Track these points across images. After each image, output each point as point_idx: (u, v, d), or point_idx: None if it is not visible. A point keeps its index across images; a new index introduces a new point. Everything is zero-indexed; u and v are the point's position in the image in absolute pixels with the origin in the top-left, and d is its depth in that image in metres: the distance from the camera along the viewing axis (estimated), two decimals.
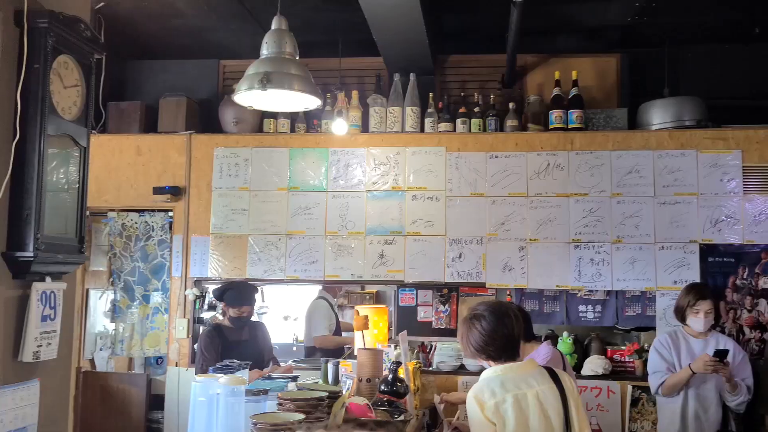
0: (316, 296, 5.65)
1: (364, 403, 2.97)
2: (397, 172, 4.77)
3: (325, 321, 5.45)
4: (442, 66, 5.21)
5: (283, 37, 3.08)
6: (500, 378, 2.51)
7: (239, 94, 3.08)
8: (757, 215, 4.43)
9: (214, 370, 3.24)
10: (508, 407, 2.43)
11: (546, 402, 2.47)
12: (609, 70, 5.04)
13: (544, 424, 2.44)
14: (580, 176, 4.61)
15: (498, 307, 2.61)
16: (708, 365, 3.61)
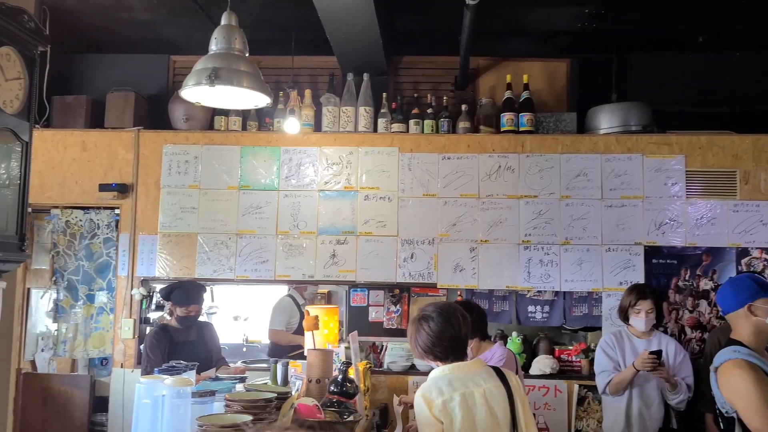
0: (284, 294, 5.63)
1: (313, 404, 2.94)
2: (350, 172, 4.76)
3: (283, 317, 5.42)
4: (396, 67, 5.22)
5: (232, 33, 3.04)
6: (448, 377, 2.54)
7: (186, 90, 3.02)
8: (699, 219, 4.56)
9: (160, 371, 3.17)
10: (455, 405, 2.47)
11: (493, 400, 2.51)
12: (559, 74, 5.13)
13: (491, 422, 2.48)
14: (531, 178, 4.67)
15: (445, 309, 2.64)
16: (647, 362, 3.70)
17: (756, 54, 5.21)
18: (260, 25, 4.73)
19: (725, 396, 2.57)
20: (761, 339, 2.65)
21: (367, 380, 3.65)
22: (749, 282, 2.70)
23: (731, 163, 4.58)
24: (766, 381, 2.49)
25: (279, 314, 5.45)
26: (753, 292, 2.65)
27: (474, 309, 3.58)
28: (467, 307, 3.50)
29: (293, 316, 5.35)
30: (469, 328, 2.66)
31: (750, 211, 4.53)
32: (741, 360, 2.53)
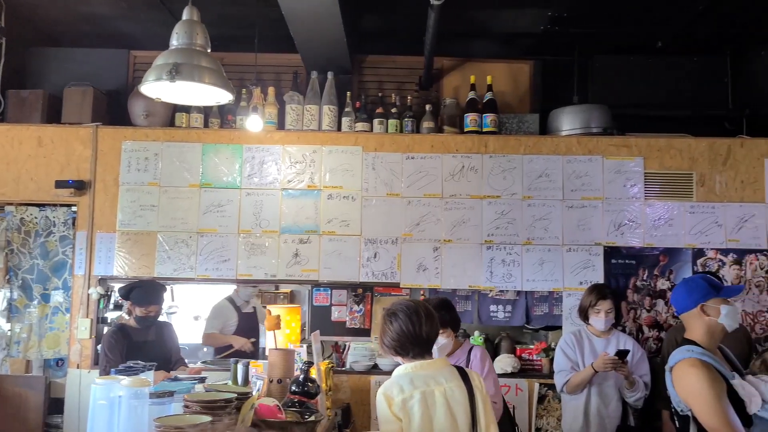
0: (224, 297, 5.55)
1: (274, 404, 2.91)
2: (313, 171, 4.73)
3: (216, 321, 5.33)
4: (360, 66, 5.22)
5: (194, 28, 2.99)
6: (410, 375, 2.56)
7: (146, 85, 2.97)
8: (657, 220, 4.64)
9: (117, 372, 3.10)
10: (414, 403, 2.49)
11: (453, 399, 2.53)
12: (522, 76, 5.18)
13: (450, 421, 2.50)
14: (494, 179, 4.70)
15: (412, 307, 2.65)
16: (607, 364, 3.76)
17: (712, 59, 5.34)
18: (223, 21, 4.68)
19: (680, 395, 2.61)
20: (714, 338, 2.70)
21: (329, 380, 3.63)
22: (701, 282, 2.75)
23: (688, 165, 4.68)
24: (719, 379, 2.53)
25: (212, 318, 5.36)
26: (705, 292, 2.70)
27: (452, 306, 3.56)
28: (445, 305, 3.49)
29: (230, 319, 5.25)
30: (436, 327, 2.65)
31: (705, 213, 4.63)
32: (695, 359, 2.58)
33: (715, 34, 4.99)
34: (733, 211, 4.63)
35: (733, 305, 2.68)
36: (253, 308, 5.25)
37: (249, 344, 4.87)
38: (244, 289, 5.16)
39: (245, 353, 4.89)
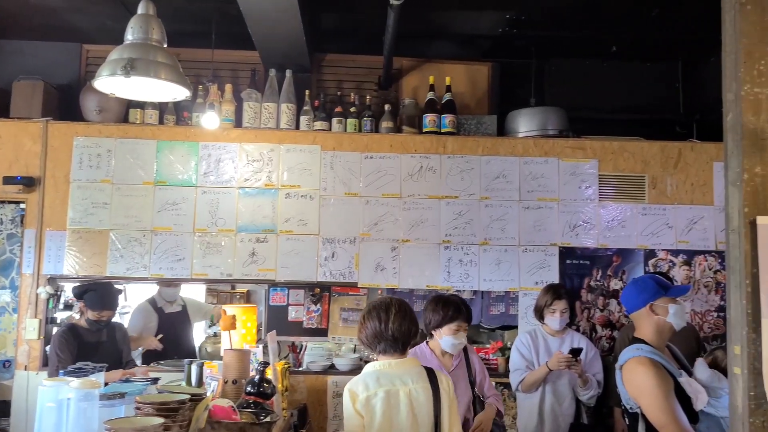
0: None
1: (229, 405, 2.88)
2: (271, 170, 4.69)
3: (135, 323, 5.09)
4: (320, 64, 5.19)
5: (149, 23, 2.93)
6: (377, 373, 2.60)
7: (100, 80, 2.90)
8: (610, 221, 4.73)
9: (66, 373, 3.03)
10: (377, 402, 2.52)
11: (416, 401, 2.55)
12: (481, 77, 5.22)
13: (411, 422, 2.53)
14: (452, 179, 4.73)
15: (384, 304, 2.68)
16: (561, 362, 3.82)
17: (665, 65, 5.47)
18: (179, 17, 4.60)
19: (629, 392, 2.66)
20: (662, 337, 2.76)
21: (285, 380, 3.61)
22: (650, 282, 2.81)
23: (641, 168, 4.77)
24: (667, 377, 2.59)
25: (132, 321, 5.17)
26: (654, 291, 2.75)
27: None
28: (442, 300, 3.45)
29: (149, 321, 5.09)
30: (407, 326, 2.64)
31: (657, 215, 4.74)
32: (644, 357, 2.63)
33: (668, 40, 5.10)
34: (683, 213, 4.74)
35: (680, 304, 2.75)
36: (180, 306, 5.09)
37: (155, 342, 4.72)
38: (165, 289, 5.01)
39: (158, 352, 4.75)
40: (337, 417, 4.43)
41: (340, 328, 4.78)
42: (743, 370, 2.00)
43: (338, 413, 4.44)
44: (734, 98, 2.11)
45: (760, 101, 2.07)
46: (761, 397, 1.97)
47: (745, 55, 2.08)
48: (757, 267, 1.99)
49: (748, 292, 2.00)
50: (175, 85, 2.94)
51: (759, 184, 2.04)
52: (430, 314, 3.42)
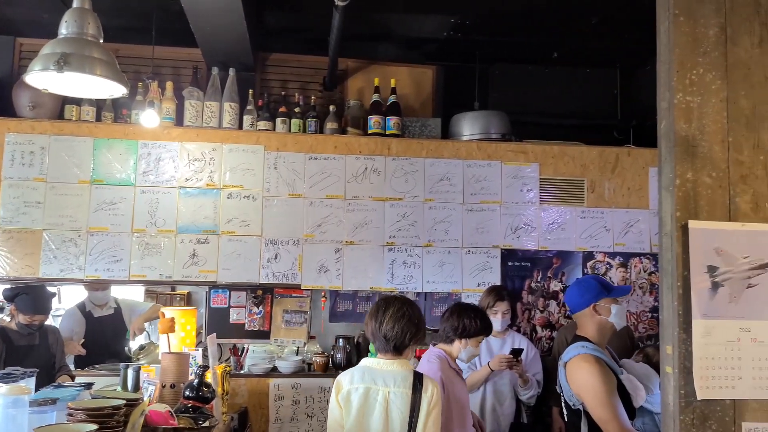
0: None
1: (166, 410, 2.81)
2: (213, 169, 4.61)
3: (64, 328, 4.95)
4: (264, 63, 5.12)
5: (85, 16, 2.83)
6: (366, 369, 2.67)
7: (32, 75, 2.79)
8: (551, 224, 4.82)
9: None
10: (356, 397, 2.59)
11: (392, 404, 2.58)
12: (425, 80, 5.25)
13: (383, 424, 2.56)
14: (396, 181, 4.74)
15: (385, 304, 2.74)
16: (503, 362, 3.87)
17: (604, 72, 5.61)
18: (118, 11, 4.48)
19: (573, 389, 2.71)
20: (604, 336, 2.83)
21: (225, 384, 3.55)
22: (594, 283, 2.88)
23: (580, 172, 4.88)
24: (610, 375, 2.65)
25: (61, 326, 4.98)
26: (597, 292, 2.82)
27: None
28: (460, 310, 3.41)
29: (77, 326, 4.93)
30: (403, 330, 2.66)
31: (595, 218, 4.85)
32: (588, 355, 2.69)
33: (607, 48, 5.23)
34: (620, 216, 4.87)
35: (622, 305, 2.83)
36: (113, 309, 4.94)
37: (78, 348, 4.57)
38: (94, 293, 4.85)
39: (92, 356, 4.61)
40: (279, 420, 4.38)
41: (282, 330, 4.74)
42: (674, 369, 2.06)
43: (280, 416, 4.39)
44: (668, 106, 2.17)
45: (691, 109, 2.13)
46: (691, 395, 2.03)
47: (678, 65, 2.15)
48: (688, 269, 2.05)
49: (679, 294, 2.06)
50: (111, 81, 2.85)
51: (690, 190, 2.10)
52: (467, 321, 3.31)
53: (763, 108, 2.14)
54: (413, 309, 2.75)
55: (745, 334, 2.05)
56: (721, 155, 2.12)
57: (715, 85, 2.14)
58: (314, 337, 4.85)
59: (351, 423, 2.58)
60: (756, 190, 2.11)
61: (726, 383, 2.04)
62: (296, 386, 4.43)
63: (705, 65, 2.15)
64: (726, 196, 2.10)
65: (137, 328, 4.89)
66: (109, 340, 4.84)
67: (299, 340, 4.77)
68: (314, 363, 4.60)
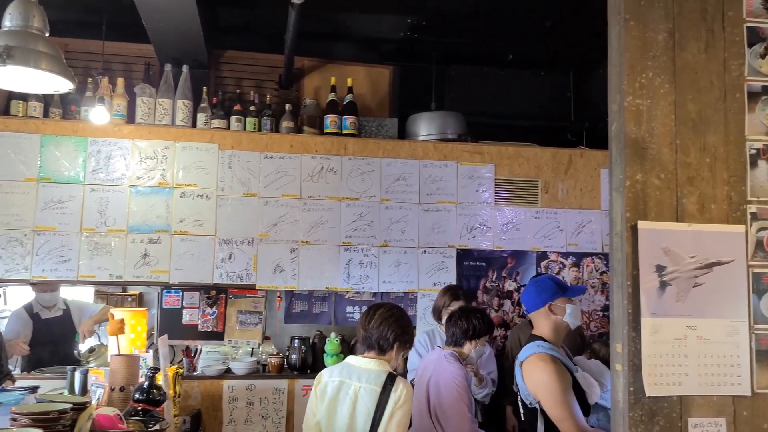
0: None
1: (115, 414, 2.74)
2: (165, 168, 4.52)
3: (10, 330, 4.79)
4: (218, 60, 5.05)
5: (30, 9, 2.74)
6: (346, 365, 2.82)
7: None
8: (506, 224, 4.87)
9: None
10: (330, 389, 2.74)
11: (360, 400, 2.68)
12: (382, 80, 5.25)
13: (349, 417, 2.68)
14: (352, 181, 4.73)
15: (374, 307, 2.91)
16: None
17: (558, 75, 5.70)
18: (67, 5, 4.36)
19: (529, 388, 2.73)
20: (559, 335, 2.86)
21: (177, 386, 3.48)
22: (549, 283, 2.91)
23: (534, 173, 4.94)
24: (565, 373, 2.68)
25: (7, 328, 4.82)
26: (552, 292, 2.85)
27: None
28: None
29: (24, 328, 4.79)
30: (387, 332, 2.78)
31: (549, 218, 4.92)
32: (544, 354, 2.71)
33: (561, 51, 5.32)
34: (573, 217, 4.94)
35: (576, 305, 2.87)
36: (62, 311, 4.80)
37: (22, 347, 4.44)
38: (42, 294, 4.71)
39: (39, 359, 4.48)
40: (232, 422, 4.33)
41: (237, 331, 4.68)
42: (624, 366, 2.10)
43: (234, 418, 4.33)
44: (618, 109, 2.21)
45: (641, 112, 2.17)
46: (640, 392, 2.06)
47: (628, 68, 2.18)
48: (637, 269, 2.09)
49: (629, 293, 2.09)
50: (58, 76, 2.76)
51: (640, 191, 2.14)
52: (476, 323, 3.57)
53: (709, 112, 2.20)
54: (400, 313, 2.90)
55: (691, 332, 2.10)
56: (669, 157, 2.16)
57: (664, 88, 2.19)
58: (269, 338, 4.81)
59: (322, 413, 2.73)
60: (702, 191, 2.16)
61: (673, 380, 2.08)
62: (251, 388, 4.38)
63: (654, 69, 2.19)
64: (674, 198, 2.15)
65: (87, 330, 4.76)
66: (58, 342, 4.70)
67: (254, 341, 4.72)
68: (269, 364, 4.55)
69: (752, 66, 2.23)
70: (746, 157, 2.20)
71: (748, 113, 2.21)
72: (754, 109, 2.22)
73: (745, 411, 2.11)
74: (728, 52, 2.23)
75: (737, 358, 2.11)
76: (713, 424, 2.09)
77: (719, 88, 2.21)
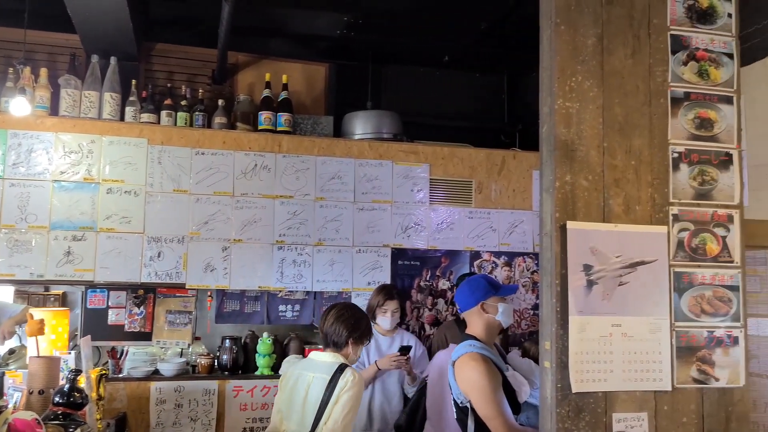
0: None
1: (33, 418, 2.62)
2: (91, 163, 4.36)
3: None
4: (149, 53, 4.91)
5: None
6: (307, 359, 3.13)
7: None
8: (440, 223, 4.91)
9: None
10: (290, 378, 3.03)
11: (311, 388, 2.92)
12: (318, 77, 5.21)
13: (301, 402, 2.92)
14: (287, 179, 4.67)
15: (333, 308, 3.13)
16: (392, 362, 3.89)
17: (492, 77, 5.78)
18: None
19: (460, 387, 2.75)
20: (492, 334, 2.89)
21: (101, 388, 3.35)
22: (482, 282, 2.93)
23: (468, 173, 5.00)
24: (496, 372, 2.71)
25: None
26: (485, 291, 2.88)
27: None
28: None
29: None
30: (341, 330, 3.02)
31: (482, 218, 4.98)
32: (475, 353, 2.74)
33: (495, 53, 5.40)
34: (505, 217, 5.02)
35: (509, 303, 2.90)
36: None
37: None
38: None
39: None
40: (160, 425, 4.21)
41: (165, 331, 4.56)
42: (552, 364, 2.14)
43: (162, 421, 4.22)
44: (549, 111, 2.25)
45: (570, 115, 2.22)
46: (567, 388, 2.11)
47: (558, 72, 2.23)
48: (566, 268, 2.14)
49: (557, 292, 2.14)
50: None
51: (569, 192, 2.18)
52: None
53: (635, 116, 2.27)
54: (352, 311, 3.13)
55: (616, 329, 2.16)
56: (597, 159, 2.22)
57: (593, 92, 2.24)
58: (199, 338, 4.70)
59: (283, 401, 3.00)
60: (627, 193, 2.23)
61: (599, 376, 2.14)
62: (179, 389, 4.27)
63: (583, 73, 2.24)
64: (601, 199, 2.21)
65: (7, 332, 4.54)
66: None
67: (183, 342, 4.61)
68: (199, 365, 4.45)
69: (675, 72, 2.32)
70: (669, 161, 2.28)
71: (671, 118, 2.29)
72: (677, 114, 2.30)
73: (665, 405, 2.19)
74: (653, 59, 2.31)
75: (659, 355, 2.19)
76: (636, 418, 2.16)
77: (645, 93, 2.29)
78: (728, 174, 2.31)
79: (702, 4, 2.37)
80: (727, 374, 2.23)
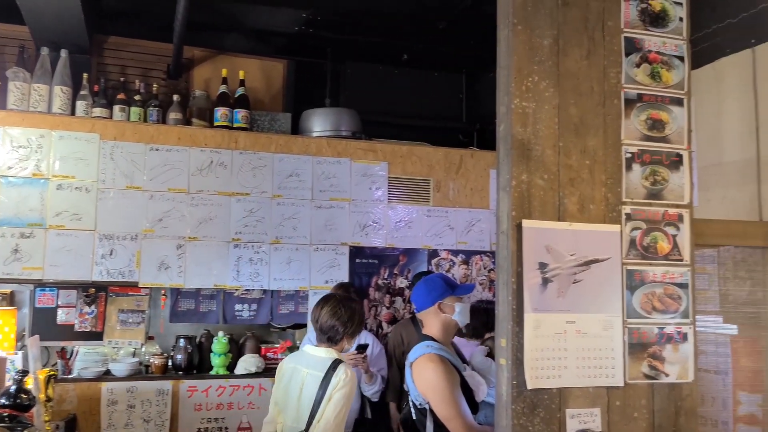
0: None
1: None
2: (40, 158, 4.23)
3: None
4: (101, 46, 4.79)
5: None
6: (302, 353, 3.13)
7: None
8: (398, 222, 4.91)
9: None
10: (285, 372, 3.04)
11: (306, 384, 2.93)
12: (276, 74, 5.16)
13: (296, 398, 2.94)
14: (243, 176, 4.61)
15: (327, 301, 3.09)
16: (349, 360, 3.88)
17: (451, 76, 5.82)
18: None
19: (419, 388, 2.74)
20: (449, 333, 2.89)
21: (49, 389, 3.27)
22: (439, 281, 2.93)
23: (426, 172, 5.02)
24: (453, 372, 2.72)
25: None
26: (442, 291, 2.87)
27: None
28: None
29: None
30: (333, 323, 3.00)
31: (440, 217, 5.01)
32: (433, 354, 2.73)
33: (454, 53, 5.43)
34: (463, 215, 5.06)
35: (465, 303, 2.90)
36: None
37: None
38: None
39: None
40: (111, 426, 4.12)
41: (117, 331, 4.46)
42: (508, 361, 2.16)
43: (113, 422, 4.13)
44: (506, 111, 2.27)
45: (527, 114, 2.24)
46: (522, 385, 2.13)
47: (515, 71, 2.25)
48: (521, 266, 2.16)
49: (513, 289, 2.15)
50: None
51: (525, 191, 2.20)
52: (492, 316, 3.66)
53: (589, 116, 2.30)
54: (347, 306, 3.08)
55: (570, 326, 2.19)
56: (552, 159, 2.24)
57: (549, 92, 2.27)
58: (153, 337, 4.62)
59: (279, 395, 3.05)
60: (582, 192, 2.26)
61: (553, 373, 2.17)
62: (132, 390, 4.18)
63: (540, 73, 2.27)
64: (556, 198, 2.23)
65: None
66: None
67: (136, 341, 4.52)
68: (152, 365, 4.37)
69: (629, 74, 2.36)
70: (622, 161, 2.32)
71: (625, 119, 2.33)
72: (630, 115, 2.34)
73: (617, 401, 2.22)
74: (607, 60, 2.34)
75: (612, 351, 2.23)
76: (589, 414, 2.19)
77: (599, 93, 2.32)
78: (679, 174, 2.37)
79: (655, 7, 2.42)
80: (677, 370, 2.28)
